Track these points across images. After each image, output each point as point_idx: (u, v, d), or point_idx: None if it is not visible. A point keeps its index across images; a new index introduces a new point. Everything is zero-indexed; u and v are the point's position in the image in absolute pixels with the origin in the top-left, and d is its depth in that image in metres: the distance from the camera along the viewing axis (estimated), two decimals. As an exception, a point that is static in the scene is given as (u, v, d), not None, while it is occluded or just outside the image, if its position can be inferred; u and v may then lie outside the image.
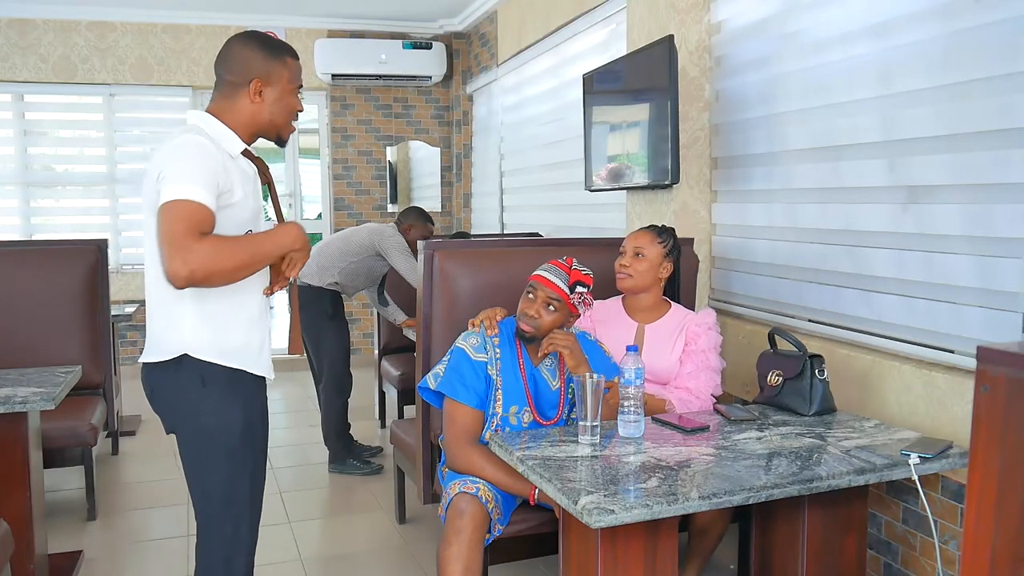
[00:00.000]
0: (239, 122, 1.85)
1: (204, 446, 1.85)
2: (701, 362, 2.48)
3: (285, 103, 1.87)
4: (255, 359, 1.89)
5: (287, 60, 1.87)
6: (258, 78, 1.83)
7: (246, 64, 1.83)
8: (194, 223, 1.64)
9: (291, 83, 1.87)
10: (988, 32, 2.09)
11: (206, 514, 1.88)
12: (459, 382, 2.23)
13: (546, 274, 2.22)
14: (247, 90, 1.83)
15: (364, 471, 3.95)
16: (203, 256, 1.62)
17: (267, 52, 1.85)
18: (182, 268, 1.61)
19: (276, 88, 1.85)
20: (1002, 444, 0.95)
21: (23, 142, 6.08)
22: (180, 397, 1.83)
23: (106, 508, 3.53)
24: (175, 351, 1.80)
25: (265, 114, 1.85)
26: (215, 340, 1.81)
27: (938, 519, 2.22)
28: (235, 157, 1.83)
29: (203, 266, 1.62)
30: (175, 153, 1.72)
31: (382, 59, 6.22)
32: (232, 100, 1.84)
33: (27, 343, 3.46)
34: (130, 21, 6.03)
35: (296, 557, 3.05)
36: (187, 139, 1.74)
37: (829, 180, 2.67)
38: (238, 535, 1.88)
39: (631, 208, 3.68)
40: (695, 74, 3.29)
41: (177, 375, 1.81)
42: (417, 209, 4.23)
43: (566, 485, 1.70)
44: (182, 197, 1.65)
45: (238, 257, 1.69)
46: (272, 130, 1.89)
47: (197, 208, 1.65)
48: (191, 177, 1.67)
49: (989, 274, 2.11)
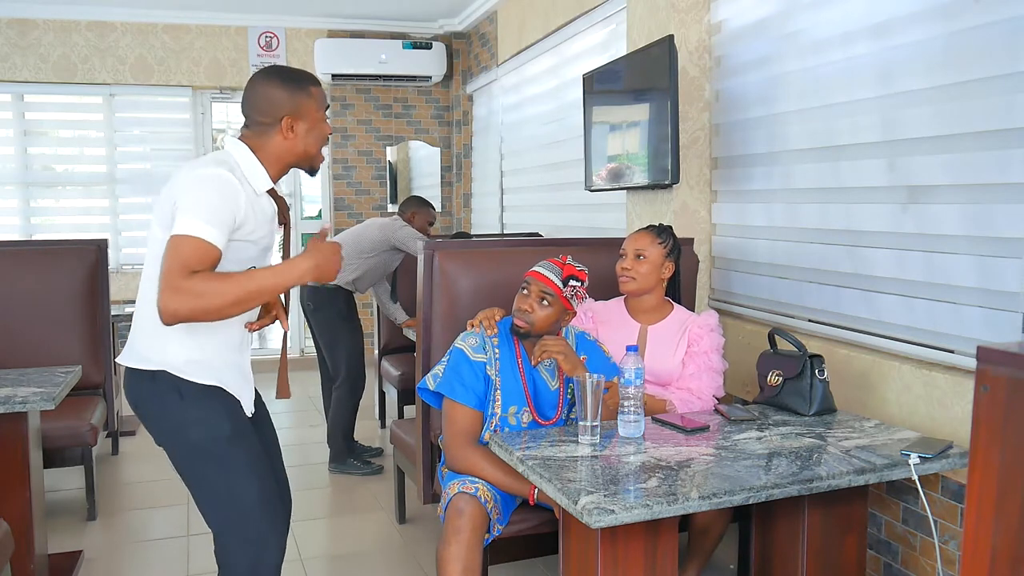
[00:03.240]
0: (271, 159, 1.86)
1: (193, 457, 1.85)
2: (703, 363, 2.48)
3: (317, 132, 1.88)
4: (236, 386, 1.90)
5: (311, 90, 1.87)
6: (287, 115, 1.83)
7: (272, 104, 1.84)
8: (195, 261, 1.65)
9: (319, 111, 1.88)
10: (988, 32, 2.09)
11: (218, 522, 1.86)
12: (458, 382, 2.23)
13: (540, 269, 2.23)
14: (279, 128, 1.84)
15: (364, 471, 3.95)
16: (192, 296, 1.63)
17: (291, 87, 1.85)
18: (170, 303, 1.63)
19: (307, 120, 1.86)
20: (1002, 444, 0.95)
21: (23, 142, 6.08)
22: (162, 412, 1.84)
23: (106, 508, 3.53)
24: (154, 364, 1.81)
25: (300, 147, 1.87)
26: (195, 361, 1.82)
27: (938, 519, 2.22)
28: (259, 195, 1.84)
29: (192, 304, 1.63)
30: (197, 184, 1.72)
31: (382, 59, 6.22)
32: (265, 138, 1.85)
33: (27, 343, 3.46)
34: (130, 21, 6.03)
35: (296, 557, 3.05)
36: (212, 173, 1.73)
37: (829, 180, 2.67)
38: (260, 536, 1.85)
39: (631, 208, 3.68)
40: (695, 74, 3.29)
41: (155, 387, 1.82)
42: (415, 197, 4.35)
43: (566, 485, 1.70)
44: (192, 234, 1.66)
45: (231, 294, 1.67)
46: (305, 160, 1.90)
47: (206, 248, 1.66)
48: (206, 215, 1.68)
49: (989, 274, 2.11)
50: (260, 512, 1.85)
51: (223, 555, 1.87)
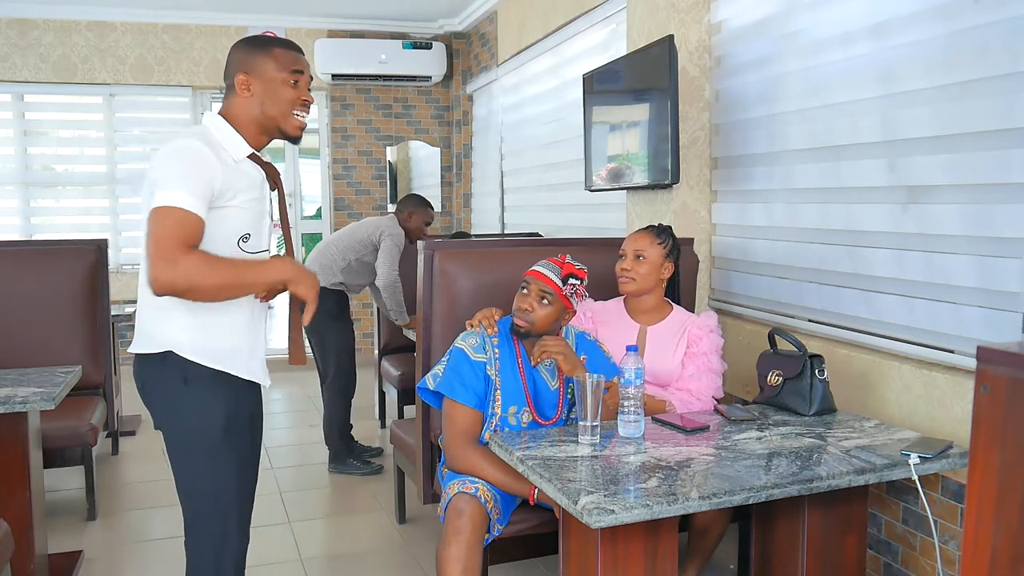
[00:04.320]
0: (240, 122, 1.85)
1: (186, 443, 1.85)
2: (703, 364, 2.48)
3: (276, 93, 1.84)
4: (244, 364, 1.89)
5: (273, 50, 1.86)
6: (242, 72, 1.83)
7: (232, 63, 1.86)
8: (183, 232, 1.65)
9: (279, 71, 1.84)
10: (988, 32, 2.09)
11: (192, 512, 1.89)
12: (458, 382, 2.23)
13: (539, 268, 2.23)
14: (235, 87, 1.84)
15: (364, 471, 3.94)
16: (187, 270, 1.63)
17: (251, 46, 1.87)
18: (163, 275, 1.63)
19: (262, 78, 1.84)
20: (1002, 444, 0.95)
21: (23, 142, 6.08)
22: (165, 394, 1.84)
23: (106, 508, 3.53)
24: (161, 346, 1.81)
25: (256, 107, 1.84)
26: (201, 342, 1.82)
27: (938, 519, 2.22)
28: (239, 161, 1.82)
29: (186, 279, 1.64)
30: (169, 157, 1.73)
31: (382, 59, 6.22)
32: (230, 102, 1.86)
33: (27, 343, 3.46)
34: (130, 21, 6.03)
35: (296, 557, 3.05)
36: (182, 144, 1.74)
37: (829, 180, 2.67)
38: (227, 533, 1.88)
39: (631, 208, 3.68)
40: (695, 74, 3.29)
41: (162, 370, 1.82)
42: (415, 196, 4.24)
43: (566, 485, 1.70)
44: (172, 204, 1.65)
45: (222, 278, 1.69)
46: (271, 123, 1.87)
47: (185, 216, 1.66)
48: (182, 184, 1.67)
49: (989, 274, 2.11)
50: (233, 510, 1.88)
51: (190, 542, 1.89)
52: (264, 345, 1.98)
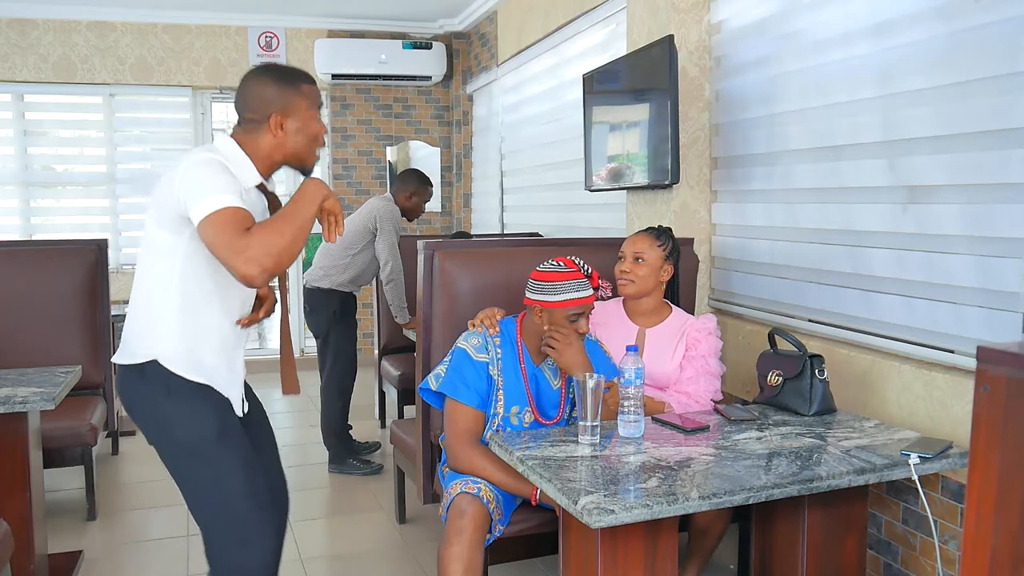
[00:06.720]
0: (260, 156, 1.85)
1: (182, 456, 1.84)
2: (701, 367, 2.48)
3: (307, 131, 1.87)
4: (225, 385, 1.90)
5: (302, 87, 1.87)
6: (276, 112, 1.83)
7: (262, 101, 1.84)
8: (238, 226, 1.66)
9: (310, 109, 1.87)
10: (988, 32, 2.09)
11: (206, 525, 1.86)
12: (461, 382, 2.23)
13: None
14: (268, 125, 1.83)
15: (364, 471, 3.94)
16: (259, 251, 1.64)
17: (281, 83, 1.85)
18: (249, 267, 1.63)
19: (296, 118, 1.85)
20: (1002, 444, 0.95)
21: (23, 142, 6.07)
22: (150, 409, 1.84)
23: (106, 508, 3.53)
24: (144, 356, 1.81)
25: (288, 145, 1.86)
26: (186, 355, 1.82)
27: (938, 519, 2.22)
28: (247, 189, 1.84)
29: (265, 255, 1.64)
30: (195, 171, 1.72)
31: (382, 59, 6.22)
32: (255, 135, 1.85)
33: (27, 343, 3.46)
34: (130, 21, 6.03)
35: (296, 557, 3.05)
36: (205, 157, 1.75)
37: (829, 180, 2.67)
38: (245, 539, 1.84)
39: (631, 208, 3.68)
40: (695, 74, 3.29)
41: (143, 382, 1.82)
42: (416, 174, 4.14)
43: (566, 485, 1.70)
44: (216, 208, 1.66)
45: (287, 231, 1.70)
46: (296, 159, 1.89)
47: (232, 211, 1.67)
48: (215, 188, 1.68)
49: (989, 274, 2.11)
50: (248, 512, 1.84)
51: (211, 554, 1.87)
52: (242, 373, 1.98)
